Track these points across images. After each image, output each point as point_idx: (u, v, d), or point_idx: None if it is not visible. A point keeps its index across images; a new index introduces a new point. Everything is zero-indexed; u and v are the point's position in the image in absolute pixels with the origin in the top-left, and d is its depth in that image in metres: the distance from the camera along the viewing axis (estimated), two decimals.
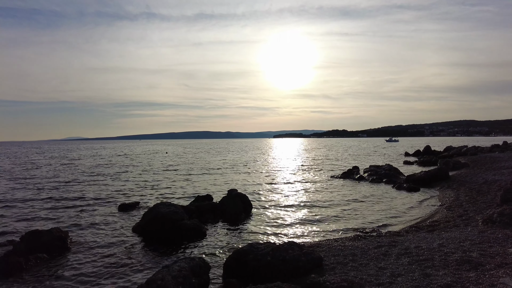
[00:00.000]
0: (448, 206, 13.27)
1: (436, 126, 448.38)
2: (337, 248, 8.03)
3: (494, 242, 7.36)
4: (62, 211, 14.07)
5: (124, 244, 9.66)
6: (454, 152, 40.14)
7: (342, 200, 15.80)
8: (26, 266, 7.78)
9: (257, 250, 6.78)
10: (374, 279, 5.75)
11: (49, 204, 15.41)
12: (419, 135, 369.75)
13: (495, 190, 14.31)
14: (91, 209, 14.31)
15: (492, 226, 8.92)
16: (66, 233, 9.71)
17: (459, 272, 5.80)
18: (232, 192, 13.83)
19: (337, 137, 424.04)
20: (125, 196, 17.58)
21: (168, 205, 11.03)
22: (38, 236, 8.89)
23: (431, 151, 45.91)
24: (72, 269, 7.89)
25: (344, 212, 13.41)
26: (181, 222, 10.34)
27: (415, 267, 6.18)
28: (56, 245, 8.97)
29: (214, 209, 13.01)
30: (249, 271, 6.49)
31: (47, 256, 8.44)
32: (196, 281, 5.87)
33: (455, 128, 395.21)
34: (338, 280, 5.73)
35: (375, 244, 8.00)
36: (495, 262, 6.10)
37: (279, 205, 15.04)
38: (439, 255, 6.71)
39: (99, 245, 9.57)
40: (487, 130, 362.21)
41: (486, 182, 16.60)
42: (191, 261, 6.17)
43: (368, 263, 6.68)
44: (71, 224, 11.88)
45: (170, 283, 5.36)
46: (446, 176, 19.86)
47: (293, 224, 11.79)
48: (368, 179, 22.51)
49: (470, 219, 10.47)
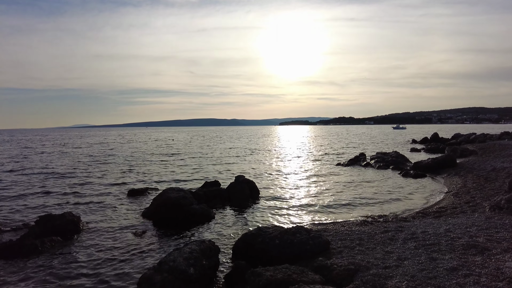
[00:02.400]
0: (455, 192, 13.26)
1: (444, 113, 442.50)
2: (344, 232, 8.14)
3: (501, 228, 7.40)
4: (73, 196, 14.39)
5: (134, 228, 9.89)
6: (462, 140, 39.73)
7: (349, 186, 15.87)
8: (42, 248, 8.05)
9: (265, 233, 6.92)
10: (380, 262, 5.85)
11: (60, 190, 15.74)
12: (426, 123, 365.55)
13: (503, 177, 14.24)
14: (101, 195, 14.59)
15: (499, 213, 8.94)
16: (78, 218, 9.97)
17: (465, 256, 5.87)
18: (240, 178, 13.97)
19: (343, 124, 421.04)
20: (133, 182, 17.86)
21: (177, 190, 11.22)
22: (51, 220, 9.16)
23: (439, 138, 45.48)
24: (86, 251, 8.14)
25: (351, 198, 13.49)
26: (190, 207, 10.54)
27: (422, 251, 6.27)
28: (69, 229, 9.24)
29: (222, 194, 13.19)
30: (258, 254, 6.64)
31: (61, 239, 8.70)
32: (206, 263, 6.04)
33: (464, 116, 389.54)
34: (345, 263, 5.84)
35: (381, 229, 8.09)
36: (502, 247, 6.16)
37: (286, 191, 15.17)
38: (446, 240, 6.78)
39: (110, 230, 9.81)
40: (497, 117, 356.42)
41: (495, 169, 16.49)
42: (201, 244, 6.33)
43: (375, 247, 6.77)
44: (82, 209, 12.16)
45: (181, 264, 5.53)
46: (453, 163, 19.76)
47: (300, 209, 11.93)
48: (375, 166, 22.49)
49: (477, 205, 10.48)
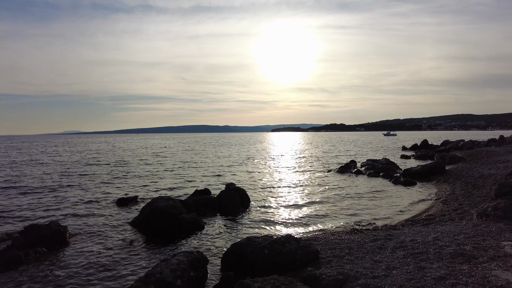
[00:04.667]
0: (444, 200, 13.40)
1: (433, 120, 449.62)
2: (334, 241, 8.13)
3: (487, 236, 7.48)
4: (60, 205, 14.10)
5: (122, 238, 9.73)
6: (451, 146, 40.33)
7: (339, 194, 15.91)
8: (26, 260, 7.84)
9: (254, 243, 6.87)
10: (369, 272, 5.84)
11: (47, 199, 15.44)
12: (416, 129, 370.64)
13: (490, 184, 14.46)
14: (90, 204, 14.34)
15: (486, 220, 9.04)
16: (64, 227, 9.76)
17: (452, 265, 5.91)
18: (230, 186, 13.90)
19: (335, 130, 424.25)
20: (123, 190, 17.62)
21: (166, 199, 11.09)
22: (37, 230, 8.95)
23: (428, 145, 46.12)
24: (71, 263, 7.96)
25: (341, 206, 13.52)
26: (179, 216, 10.42)
27: (410, 260, 6.29)
28: (55, 239, 9.03)
29: (212, 203, 13.09)
30: (247, 264, 6.58)
31: (46, 250, 8.50)
32: (194, 274, 5.95)
33: (453, 122, 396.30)
34: (334, 273, 5.82)
35: (371, 238, 8.10)
36: (488, 255, 6.21)
37: (277, 199, 15.13)
38: (434, 248, 6.82)
39: (98, 239, 9.63)
40: (484, 124, 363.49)
41: (482, 176, 16.74)
42: (189, 255, 6.24)
43: (364, 256, 6.78)
44: (70, 218, 11.93)
45: (168, 276, 5.44)
46: (442, 170, 20.01)
47: (290, 217, 11.89)
48: (365, 173, 22.64)
49: (465, 212, 10.60)
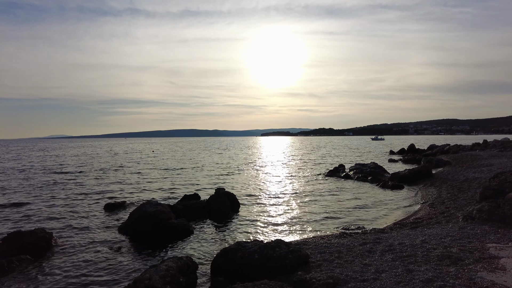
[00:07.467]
0: (431, 203, 13.62)
1: (420, 124, 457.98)
2: (323, 245, 8.16)
3: (473, 238, 7.62)
4: (46, 211, 13.79)
5: (110, 244, 9.56)
6: (437, 151, 41.13)
7: (328, 199, 16.01)
8: (9, 268, 7.61)
9: (244, 248, 6.84)
10: (359, 275, 5.88)
11: (33, 205, 15.07)
12: (404, 134, 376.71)
13: (475, 187, 14.78)
14: (77, 209, 14.07)
15: (471, 222, 9.23)
16: (50, 234, 9.54)
17: (440, 267, 6.00)
18: (220, 190, 13.84)
19: (324, 135, 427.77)
20: (111, 195, 17.35)
21: (155, 205, 10.97)
22: (21, 237, 8.73)
23: (415, 150, 46.89)
24: (57, 270, 7.77)
25: (330, 210, 13.60)
26: (168, 221, 10.31)
27: (399, 263, 6.36)
28: (40, 246, 8.82)
29: (202, 208, 13.00)
30: (237, 269, 6.54)
31: (30, 258, 8.27)
32: (183, 280, 5.89)
33: (439, 127, 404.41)
34: (324, 277, 5.84)
35: (360, 241, 8.17)
36: (474, 257, 6.33)
37: (267, 203, 15.13)
38: (422, 251, 6.92)
39: (85, 246, 9.44)
40: (468, 128, 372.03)
41: (467, 180, 17.10)
42: (178, 261, 6.18)
43: (354, 260, 6.82)
44: (56, 224, 11.67)
45: (157, 283, 5.37)
46: (429, 174, 20.36)
47: (280, 222, 11.90)
48: (354, 177, 22.85)
49: (451, 215, 10.79)
